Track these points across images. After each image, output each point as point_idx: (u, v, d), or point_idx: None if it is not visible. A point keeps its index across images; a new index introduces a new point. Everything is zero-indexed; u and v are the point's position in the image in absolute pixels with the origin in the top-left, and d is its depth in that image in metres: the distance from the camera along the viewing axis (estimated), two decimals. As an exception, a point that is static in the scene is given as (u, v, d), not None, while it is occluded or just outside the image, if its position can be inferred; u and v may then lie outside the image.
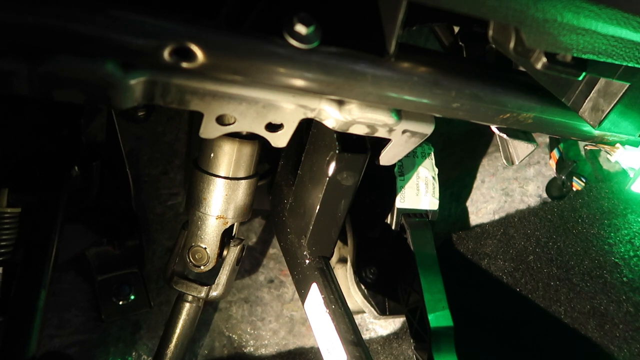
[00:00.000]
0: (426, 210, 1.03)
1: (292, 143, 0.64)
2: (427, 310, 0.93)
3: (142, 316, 1.08)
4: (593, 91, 0.60)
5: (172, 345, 0.88)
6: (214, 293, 0.85)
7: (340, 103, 0.59)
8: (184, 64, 0.45)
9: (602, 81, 0.60)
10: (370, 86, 0.53)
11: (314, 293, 0.81)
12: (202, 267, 0.82)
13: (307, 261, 0.83)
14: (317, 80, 0.51)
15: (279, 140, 0.61)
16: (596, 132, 0.71)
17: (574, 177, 1.14)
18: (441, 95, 0.57)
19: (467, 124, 0.70)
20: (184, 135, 1.14)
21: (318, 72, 0.50)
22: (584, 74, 0.54)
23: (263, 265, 1.21)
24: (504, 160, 0.87)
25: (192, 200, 0.79)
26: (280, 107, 0.57)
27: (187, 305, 0.88)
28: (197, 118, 0.56)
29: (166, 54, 0.44)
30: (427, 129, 0.65)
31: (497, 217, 1.22)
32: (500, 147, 0.84)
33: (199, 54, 0.45)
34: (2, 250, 0.76)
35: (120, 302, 1.05)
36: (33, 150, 0.82)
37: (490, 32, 0.50)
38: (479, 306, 1.12)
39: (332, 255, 0.87)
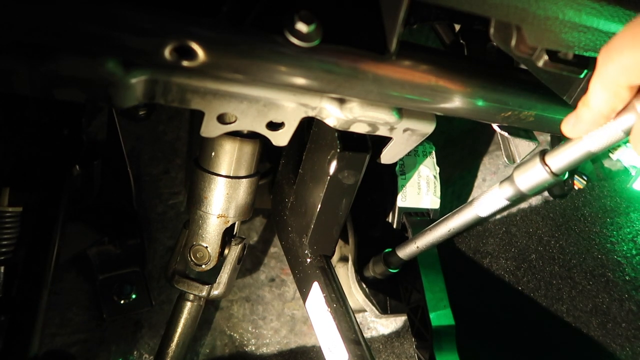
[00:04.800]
0: (427, 209, 1.03)
1: (293, 142, 0.64)
2: (428, 309, 0.93)
3: (144, 315, 1.08)
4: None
5: (173, 344, 0.88)
6: (215, 292, 0.85)
7: (341, 101, 0.59)
8: (185, 63, 0.45)
9: (604, 79, 0.60)
10: (371, 84, 0.53)
11: (315, 292, 0.81)
12: (203, 266, 0.82)
13: (309, 260, 0.83)
14: (318, 79, 0.51)
15: (280, 139, 0.61)
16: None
17: (576, 176, 1.14)
18: (442, 94, 0.57)
19: (468, 122, 0.70)
20: (185, 134, 1.14)
21: (319, 71, 0.50)
22: (585, 71, 0.54)
23: (264, 264, 1.21)
24: (505, 159, 0.86)
25: (193, 199, 0.79)
26: (281, 106, 0.56)
27: (188, 304, 0.88)
28: (198, 117, 0.56)
29: (167, 52, 0.44)
30: (428, 128, 0.65)
31: (498, 215, 1.22)
32: (502, 146, 0.84)
33: (200, 52, 0.45)
34: (4, 250, 0.76)
35: (122, 301, 1.05)
36: (34, 149, 0.82)
37: (492, 30, 0.50)
38: (480, 305, 1.12)
39: (333, 254, 0.87)
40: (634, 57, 0.41)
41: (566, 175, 0.55)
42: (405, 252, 0.84)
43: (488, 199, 0.63)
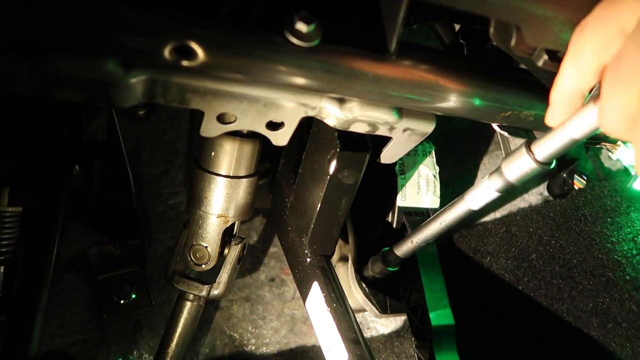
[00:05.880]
0: (427, 209, 1.03)
1: (293, 141, 0.64)
2: (428, 308, 0.93)
3: (144, 315, 1.08)
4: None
5: (173, 344, 0.88)
6: (215, 292, 0.85)
7: (341, 101, 0.59)
8: (185, 63, 0.45)
9: (603, 78, 0.60)
10: (371, 84, 0.53)
11: (315, 291, 0.81)
12: (203, 266, 0.82)
13: (308, 260, 0.83)
14: (318, 79, 0.51)
15: (280, 138, 0.61)
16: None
17: (576, 175, 1.14)
18: (442, 93, 0.57)
19: (468, 122, 0.70)
20: (185, 134, 1.14)
21: (319, 70, 0.50)
22: (585, 71, 0.53)
23: (264, 263, 1.21)
24: (506, 159, 0.86)
25: (193, 199, 0.79)
26: (281, 106, 0.56)
27: (188, 304, 0.88)
28: (197, 117, 0.56)
29: (167, 52, 0.44)
30: (428, 127, 0.65)
31: (499, 215, 1.22)
32: (502, 145, 0.84)
33: (200, 52, 0.45)
34: (4, 250, 0.76)
35: (122, 301, 1.05)
36: (34, 149, 0.82)
37: (491, 30, 0.50)
38: (480, 304, 1.12)
39: (333, 254, 0.87)
40: (604, 34, 0.40)
41: (553, 164, 0.56)
42: (402, 249, 0.85)
43: (478, 192, 0.64)
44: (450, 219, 0.70)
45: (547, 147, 0.53)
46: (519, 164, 0.56)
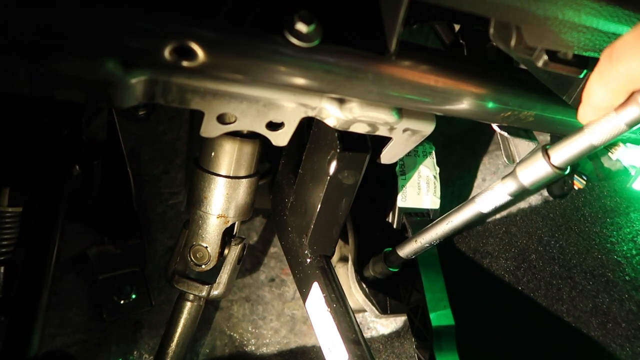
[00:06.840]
0: (427, 209, 1.03)
1: (293, 142, 0.64)
2: (428, 309, 0.93)
3: (144, 315, 1.08)
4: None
5: (173, 344, 0.88)
6: (215, 292, 0.85)
7: (341, 101, 0.59)
8: (185, 63, 0.45)
9: (603, 79, 0.60)
10: (371, 84, 0.53)
11: (315, 292, 0.81)
12: (203, 266, 0.82)
13: (308, 260, 0.83)
14: (318, 79, 0.51)
15: (280, 139, 0.61)
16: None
17: (575, 176, 1.14)
18: (442, 94, 0.57)
19: (468, 122, 0.70)
20: (185, 134, 1.14)
21: (319, 71, 0.50)
22: (585, 71, 0.53)
23: (264, 264, 1.21)
24: (505, 159, 0.86)
25: (193, 199, 0.79)
26: (281, 106, 0.56)
27: (188, 304, 0.88)
28: (197, 117, 0.56)
29: (167, 52, 0.44)
30: (428, 128, 0.65)
31: (498, 215, 1.22)
32: (501, 146, 0.84)
33: (200, 52, 0.45)
34: (4, 250, 0.76)
35: (122, 301, 1.05)
36: (34, 149, 0.82)
37: (491, 30, 0.50)
38: (480, 305, 1.12)
39: (333, 254, 0.87)
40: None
41: (568, 170, 0.55)
42: (405, 250, 0.84)
43: (491, 194, 0.63)
44: (459, 222, 0.70)
45: (564, 152, 0.53)
46: (535, 169, 0.56)
